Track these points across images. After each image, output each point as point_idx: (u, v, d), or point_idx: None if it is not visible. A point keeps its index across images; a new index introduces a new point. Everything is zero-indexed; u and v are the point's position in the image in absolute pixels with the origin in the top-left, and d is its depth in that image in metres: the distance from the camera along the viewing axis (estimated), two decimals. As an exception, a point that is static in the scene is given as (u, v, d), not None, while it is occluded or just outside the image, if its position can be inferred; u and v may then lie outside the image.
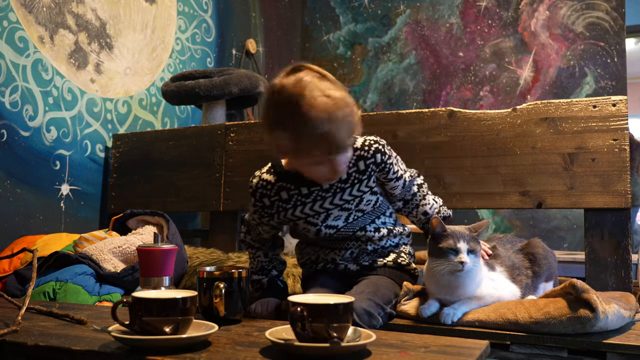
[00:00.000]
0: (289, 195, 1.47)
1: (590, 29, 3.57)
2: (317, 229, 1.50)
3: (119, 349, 0.98)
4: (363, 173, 1.47)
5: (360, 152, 1.46)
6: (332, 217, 1.49)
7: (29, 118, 2.34)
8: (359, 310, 1.32)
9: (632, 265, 1.71)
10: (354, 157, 1.45)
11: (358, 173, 1.47)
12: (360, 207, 1.50)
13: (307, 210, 1.49)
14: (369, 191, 1.50)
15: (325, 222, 1.50)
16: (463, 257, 1.36)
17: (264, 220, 1.53)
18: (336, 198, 1.48)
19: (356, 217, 1.51)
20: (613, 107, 1.79)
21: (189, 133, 2.53)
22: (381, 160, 1.46)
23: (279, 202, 1.49)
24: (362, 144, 1.47)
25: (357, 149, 1.46)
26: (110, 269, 1.83)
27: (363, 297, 1.37)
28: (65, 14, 2.50)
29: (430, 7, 4.02)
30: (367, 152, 1.46)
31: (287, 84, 1.29)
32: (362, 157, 1.46)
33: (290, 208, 1.49)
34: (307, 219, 1.50)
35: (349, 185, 1.47)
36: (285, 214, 1.50)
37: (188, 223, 3.07)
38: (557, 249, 3.44)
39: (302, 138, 1.28)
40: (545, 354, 1.34)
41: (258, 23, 3.94)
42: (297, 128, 1.27)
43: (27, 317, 1.25)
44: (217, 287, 1.21)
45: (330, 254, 1.56)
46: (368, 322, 1.32)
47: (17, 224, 2.28)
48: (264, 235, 1.57)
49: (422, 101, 3.99)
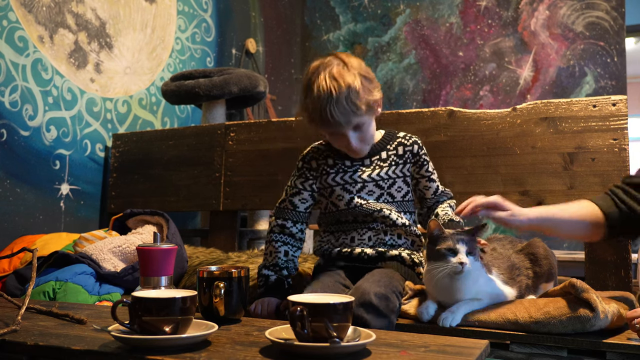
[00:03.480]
0: (334, 162, 1.64)
1: (590, 28, 3.57)
2: (351, 197, 1.61)
3: (119, 348, 0.98)
4: (400, 157, 1.63)
5: (401, 139, 1.66)
6: (366, 190, 1.61)
7: (29, 118, 2.34)
8: (378, 294, 1.34)
9: (632, 264, 1.71)
10: (396, 142, 1.65)
11: (396, 157, 1.63)
12: (392, 191, 1.61)
13: (346, 178, 1.62)
14: (402, 178, 1.63)
15: (360, 193, 1.61)
16: (462, 257, 1.35)
17: (307, 184, 1.65)
18: (374, 173, 1.62)
19: (386, 201, 1.61)
20: (613, 106, 1.79)
21: (188, 133, 2.53)
22: (417, 151, 1.64)
23: (325, 165, 1.65)
24: (404, 135, 1.67)
25: (399, 137, 1.66)
26: (110, 268, 1.83)
27: (381, 284, 1.39)
28: (65, 13, 2.50)
29: (430, 6, 4.02)
30: (407, 140, 1.65)
31: (311, 65, 1.56)
32: (402, 144, 1.65)
33: (332, 173, 1.63)
34: (345, 185, 1.62)
35: (387, 165, 1.62)
36: (327, 177, 1.63)
37: (188, 222, 3.07)
38: (557, 248, 3.44)
39: (308, 112, 1.53)
40: (545, 354, 1.34)
41: (258, 23, 3.94)
42: (305, 103, 1.53)
43: (27, 316, 1.25)
44: (216, 287, 1.21)
45: (351, 233, 1.62)
46: (386, 307, 1.33)
47: (17, 224, 2.28)
48: (299, 207, 1.65)
49: (422, 101, 3.99)
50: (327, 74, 1.49)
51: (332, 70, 1.50)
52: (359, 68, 1.53)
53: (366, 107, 1.51)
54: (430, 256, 1.42)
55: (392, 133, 1.68)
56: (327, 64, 1.52)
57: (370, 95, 1.52)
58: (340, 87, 1.47)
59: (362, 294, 1.34)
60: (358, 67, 1.52)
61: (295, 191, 1.66)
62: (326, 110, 1.47)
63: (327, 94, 1.47)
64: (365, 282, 1.41)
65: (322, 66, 1.52)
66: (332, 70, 1.50)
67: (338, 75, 1.49)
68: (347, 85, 1.47)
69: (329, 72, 1.49)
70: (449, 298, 1.43)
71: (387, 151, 1.65)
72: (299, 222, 1.66)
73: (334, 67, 1.50)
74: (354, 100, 1.48)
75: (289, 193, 1.67)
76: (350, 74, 1.50)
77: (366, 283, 1.40)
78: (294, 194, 1.66)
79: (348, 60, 1.53)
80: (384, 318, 1.33)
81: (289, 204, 1.66)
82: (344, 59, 1.53)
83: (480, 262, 1.43)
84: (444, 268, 1.38)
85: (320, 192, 1.67)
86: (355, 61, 1.54)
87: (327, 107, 1.47)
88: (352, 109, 1.48)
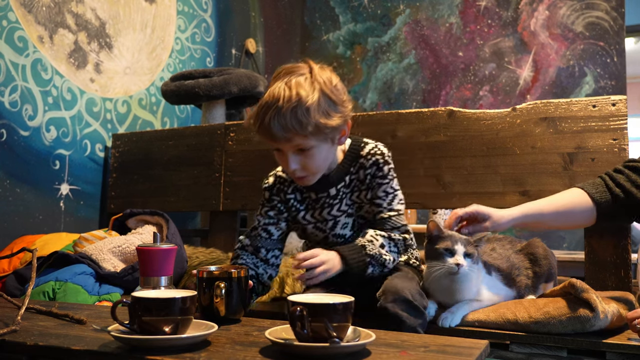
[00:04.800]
0: (302, 197, 1.51)
1: (589, 28, 3.58)
2: (325, 235, 1.52)
3: (119, 348, 0.98)
4: (362, 183, 1.48)
5: (363, 160, 1.48)
6: (340, 225, 1.51)
7: (29, 118, 2.34)
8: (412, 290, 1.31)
9: (632, 264, 1.71)
10: (358, 164, 1.48)
11: (358, 181, 1.49)
12: (362, 213, 1.51)
13: (317, 215, 1.51)
14: (369, 202, 1.49)
15: (333, 230, 1.51)
16: (459, 259, 1.35)
17: (281, 216, 1.53)
18: (343, 204, 1.49)
19: (360, 224, 1.51)
20: (612, 106, 1.79)
21: (188, 133, 2.53)
22: (375, 173, 1.46)
23: (294, 200, 1.52)
24: (367, 152, 1.48)
25: (362, 155, 1.48)
26: (110, 268, 1.83)
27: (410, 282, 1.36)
28: (65, 13, 2.50)
29: (429, 6, 4.02)
30: (368, 161, 1.47)
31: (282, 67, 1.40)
32: (363, 167, 1.48)
33: (302, 210, 1.52)
34: (317, 224, 1.51)
35: (349, 191, 1.49)
36: (297, 214, 1.52)
37: (187, 223, 3.07)
38: (557, 248, 3.44)
39: (252, 117, 1.37)
40: (545, 354, 1.34)
41: (258, 23, 3.94)
42: (256, 108, 1.36)
43: (27, 316, 1.25)
44: (217, 287, 1.21)
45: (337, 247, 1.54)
46: (421, 303, 1.31)
47: (17, 224, 2.28)
48: (275, 236, 1.53)
49: (422, 101, 3.99)
50: (286, 81, 1.33)
51: (292, 78, 1.34)
52: (326, 85, 1.34)
53: (314, 129, 1.32)
54: (428, 256, 1.42)
55: (357, 148, 1.50)
56: (294, 71, 1.36)
57: (324, 118, 1.32)
58: (290, 97, 1.30)
59: (396, 291, 1.29)
60: (325, 83, 1.35)
61: (268, 221, 1.54)
62: (266, 118, 1.31)
63: (274, 100, 1.31)
64: (395, 279, 1.37)
65: (288, 71, 1.37)
66: (292, 78, 1.34)
67: (295, 85, 1.32)
68: (298, 97, 1.30)
69: (288, 79, 1.33)
70: (449, 298, 1.43)
71: (349, 175, 1.49)
72: (274, 249, 1.54)
73: (297, 76, 1.34)
74: (299, 116, 1.30)
75: (262, 223, 1.54)
76: (310, 87, 1.33)
77: (396, 280, 1.36)
78: (268, 224, 1.54)
79: (317, 73, 1.36)
80: (421, 314, 1.30)
81: (263, 231, 1.54)
82: (313, 70, 1.37)
83: (481, 263, 1.43)
84: (439, 268, 1.38)
85: (294, 226, 1.56)
86: (325, 76, 1.36)
87: (268, 115, 1.31)
88: (293, 125, 1.30)
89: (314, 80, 1.33)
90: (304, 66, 1.37)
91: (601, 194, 1.49)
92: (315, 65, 1.38)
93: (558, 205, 1.50)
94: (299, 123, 1.30)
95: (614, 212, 1.49)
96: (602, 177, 1.54)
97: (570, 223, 1.55)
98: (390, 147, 1.54)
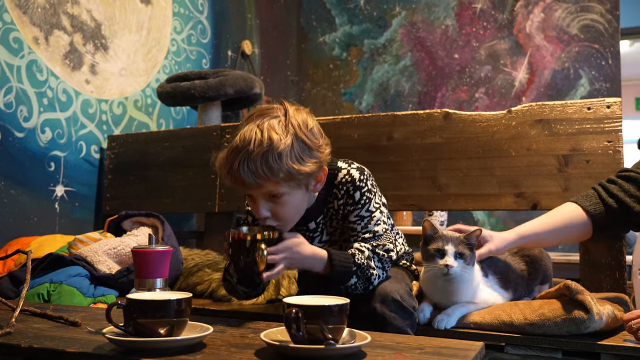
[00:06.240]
0: None
1: (584, 31, 3.59)
2: None
3: (113, 350, 0.97)
4: (337, 212, 1.43)
5: (336, 191, 1.41)
6: None
7: (24, 119, 2.33)
8: (400, 291, 1.31)
9: (627, 266, 1.71)
10: (332, 194, 1.42)
11: (334, 210, 1.43)
12: (345, 237, 1.46)
13: None
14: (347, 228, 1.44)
15: None
16: (449, 260, 1.34)
17: None
18: (323, 235, 1.46)
19: (346, 246, 1.45)
20: (607, 109, 1.80)
21: (184, 134, 2.53)
22: (346, 201, 1.40)
23: None
24: (339, 180, 1.41)
25: (336, 183, 1.41)
26: (105, 270, 1.82)
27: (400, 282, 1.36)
28: (60, 14, 2.50)
29: (425, 9, 4.03)
30: (340, 190, 1.41)
31: (256, 107, 1.34)
32: (336, 197, 1.41)
33: None
34: None
35: (328, 219, 1.45)
36: None
37: (183, 224, 3.07)
38: (552, 250, 3.45)
39: (220, 160, 1.31)
40: (540, 355, 1.35)
41: (254, 24, 3.94)
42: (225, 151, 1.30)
43: (21, 318, 1.25)
44: (259, 249, 1.20)
45: None
46: (409, 303, 1.31)
47: (11, 225, 2.27)
48: None
49: (418, 103, 4.00)
50: (258, 123, 1.26)
51: (264, 120, 1.26)
52: (300, 129, 1.27)
53: (285, 175, 1.24)
54: (423, 257, 1.42)
55: (331, 176, 1.41)
56: (267, 113, 1.29)
57: (297, 164, 1.25)
58: (262, 141, 1.23)
59: (385, 292, 1.29)
60: (299, 127, 1.28)
61: None
62: (235, 163, 1.24)
63: (244, 144, 1.24)
64: (384, 281, 1.36)
65: (261, 112, 1.30)
66: (264, 120, 1.26)
67: (267, 128, 1.25)
68: (269, 142, 1.23)
69: (260, 121, 1.26)
70: (444, 300, 1.43)
71: (327, 205, 1.43)
72: None
73: (271, 118, 1.27)
74: (270, 162, 1.23)
75: None
76: (283, 130, 1.26)
77: (385, 282, 1.35)
78: None
79: (292, 115, 1.28)
80: (409, 314, 1.30)
81: None
82: (288, 112, 1.29)
83: (476, 265, 1.43)
84: (429, 269, 1.38)
85: None
86: (300, 119, 1.29)
87: (238, 159, 1.24)
88: (264, 171, 1.23)
89: (288, 123, 1.27)
90: (278, 108, 1.31)
91: (595, 205, 1.50)
92: (290, 107, 1.31)
93: (553, 223, 1.51)
94: (269, 169, 1.23)
95: (610, 223, 1.50)
96: (595, 188, 1.55)
97: (568, 238, 1.57)
98: (386, 149, 1.53)
